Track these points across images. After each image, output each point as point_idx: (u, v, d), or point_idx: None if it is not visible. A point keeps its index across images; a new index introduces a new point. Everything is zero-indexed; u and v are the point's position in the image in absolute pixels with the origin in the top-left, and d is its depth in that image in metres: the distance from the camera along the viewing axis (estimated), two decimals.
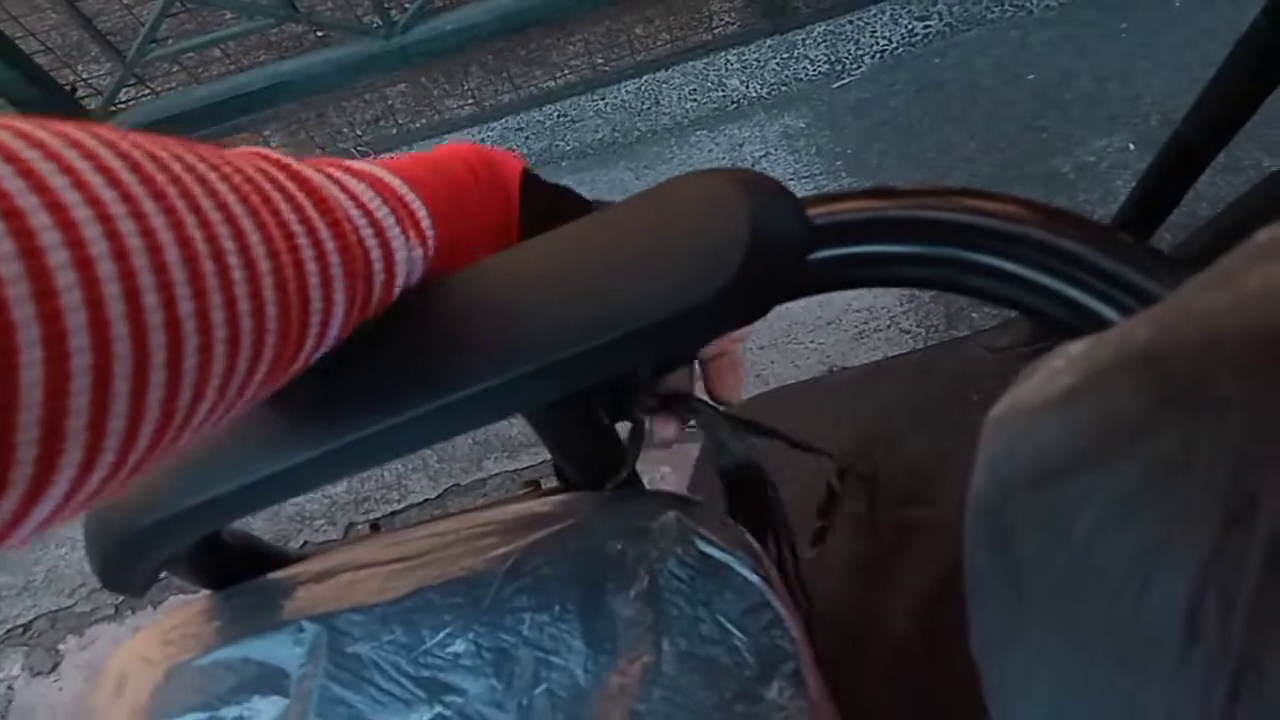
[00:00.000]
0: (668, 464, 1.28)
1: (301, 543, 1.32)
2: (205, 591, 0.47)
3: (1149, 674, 0.21)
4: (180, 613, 0.45)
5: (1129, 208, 0.98)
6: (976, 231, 0.29)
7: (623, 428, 0.45)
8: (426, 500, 1.30)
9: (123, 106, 1.58)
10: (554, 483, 0.52)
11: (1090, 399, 0.25)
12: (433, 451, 1.35)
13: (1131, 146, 1.45)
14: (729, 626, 0.40)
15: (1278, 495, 0.18)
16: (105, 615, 1.33)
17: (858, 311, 1.40)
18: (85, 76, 1.62)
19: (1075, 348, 0.28)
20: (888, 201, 0.32)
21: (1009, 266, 0.29)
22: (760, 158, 1.59)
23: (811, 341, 1.38)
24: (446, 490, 1.30)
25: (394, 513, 1.29)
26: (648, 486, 0.52)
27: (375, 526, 1.18)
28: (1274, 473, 0.19)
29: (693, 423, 0.44)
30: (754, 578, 0.41)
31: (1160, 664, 0.21)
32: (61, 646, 1.30)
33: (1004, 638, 0.31)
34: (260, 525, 1.32)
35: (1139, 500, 0.23)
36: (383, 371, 0.34)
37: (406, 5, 1.59)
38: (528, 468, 1.31)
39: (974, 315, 1.38)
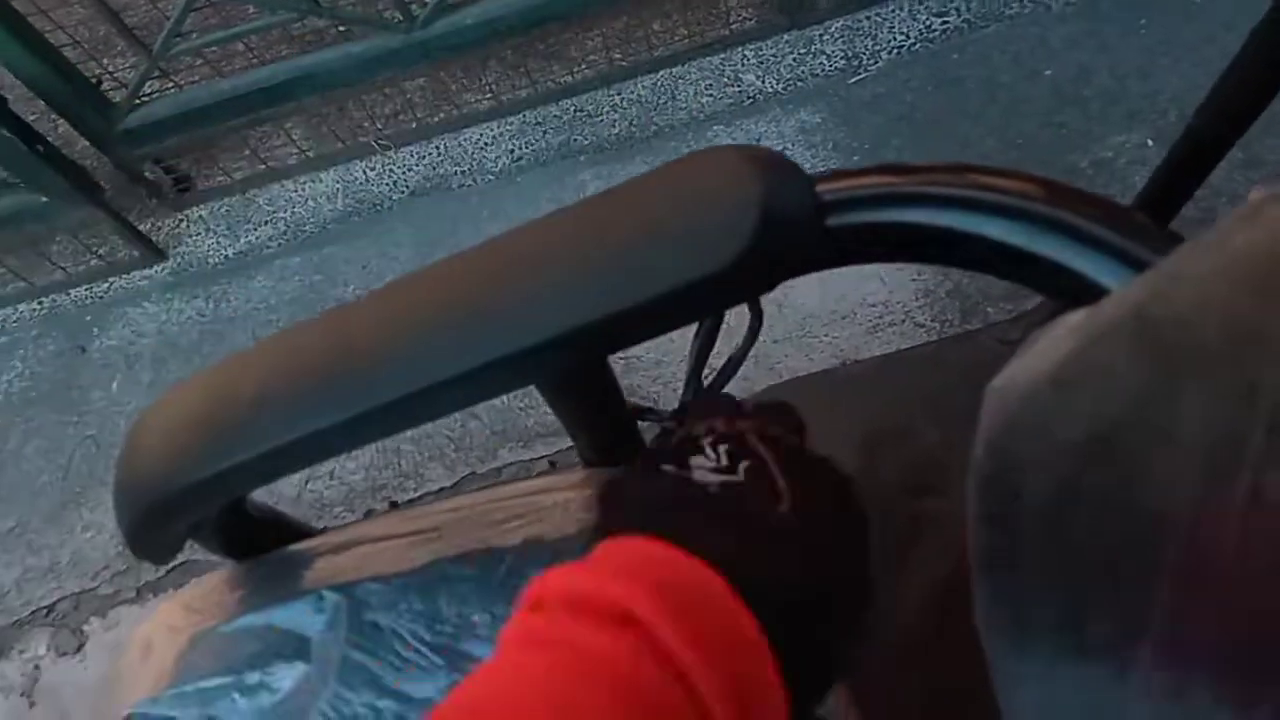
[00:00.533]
0: None
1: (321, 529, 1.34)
2: (228, 564, 0.49)
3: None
4: (204, 582, 0.46)
5: (1143, 201, 0.98)
6: (983, 204, 0.30)
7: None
8: (443, 489, 1.32)
9: (146, 99, 1.60)
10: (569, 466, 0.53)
11: (1087, 365, 0.25)
12: (449, 440, 1.36)
13: (1150, 142, 1.45)
14: None
15: (1265, 460, 0.19)
16: (128, 598, 1.35)
17: (872, 306, 1.40)
18: (111, 70, 1.64)
19: (1074, 317, 0.29)
20: (896, 177, 0.33)
21: (1017, 237, 0.30)
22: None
23: (826, 335, 1.39)
24: (463, 479, 1.31)
25: (410, 501, 1.30)
26: None
27: (394, 504, 1.20)
28: (1262, 438, 0.20)
29: None
30: None
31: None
32: (86, 628, 1.33)
33: (1007, 612, 0.31)
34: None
35: (1134, 462, 0.24)
36: (410, 337, 0.35)
37: (427, 0, 1.60)
38: (542, 457, 1.32)
39: (989, 310, 1.38)
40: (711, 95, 1.69)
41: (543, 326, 0.33)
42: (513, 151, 1.70)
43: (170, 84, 1.63)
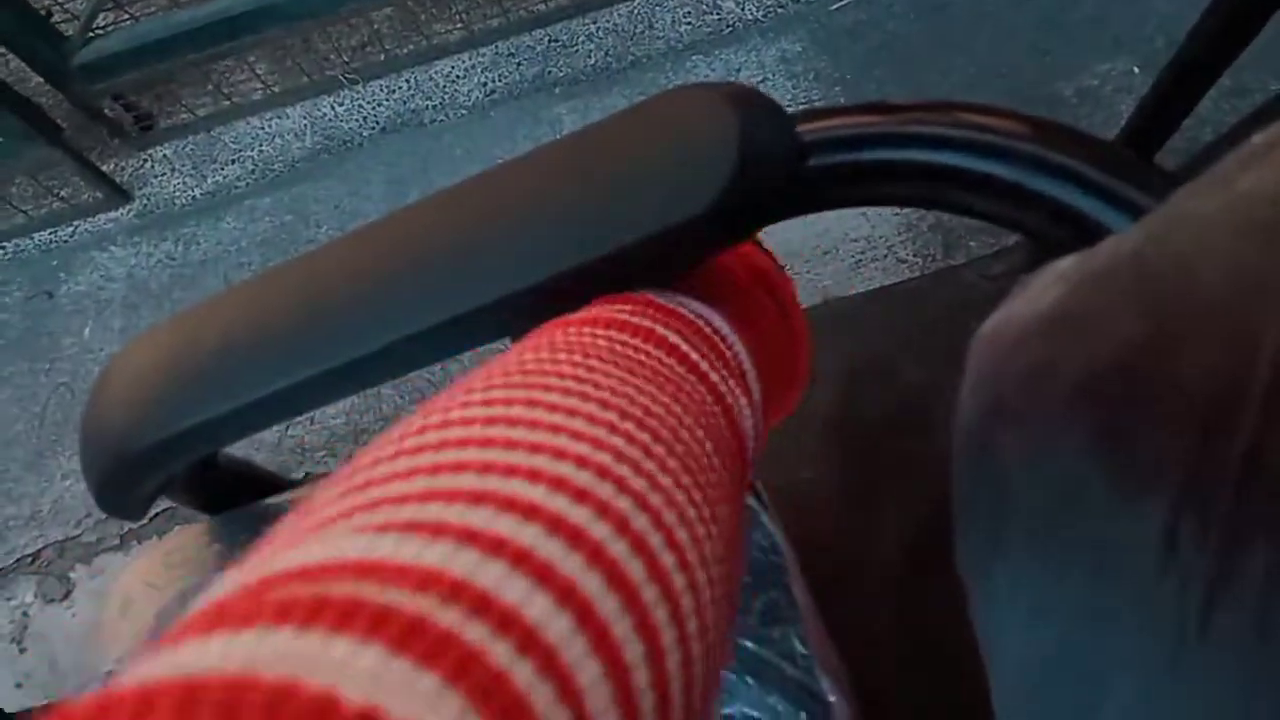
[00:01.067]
0: None
1: (303, 475, 1.34)
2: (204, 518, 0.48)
3: (1125, 584, 0.22)
4: (180, 536, 0.45)
5: (1129, 130, 0.97)
6: (969, 143, 0.29)
7: None
8: None
9: (101, 32, 1.53)
10: None
11: (1080, 311, 0.25)
12: (430, 384, 1.35)
13: (1136, 70, 1.42)
14: None
15: (1257, 409, 0.19)
16: (111, 545, 1.35)
17: (854, 241, 1.39)
18: (60, 1, 1.57)
19: (1065, 262, 0.28)
20: (879, 116, 0.31)
21: (1003, 175, 0.29)
22: (758, 83, 1.56)
23: (809, 272, 1.38)
24: None
25: None
26: None
27: None
28: (1260, 393, 0.19)
29: None
30: (749, 500, 0.42)
31: (1137, 575, 0.21)
32: (72, 574, 1.33)
33: (988, 556, 0.31)
34: (261, 458, 1.33)
35: (1122, 417, 0.23)
36: (383, 287, 0.34)
37: None
38: None
39: (971, 244, 1.37)
40: (690, 23, 1.64)
41: (518, 275, 0.32)
42: (485, 85, 1.66)
43: (125, 16, 1.56)
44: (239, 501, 0.46)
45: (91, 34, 1.51)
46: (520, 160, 0.33)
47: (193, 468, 0.42)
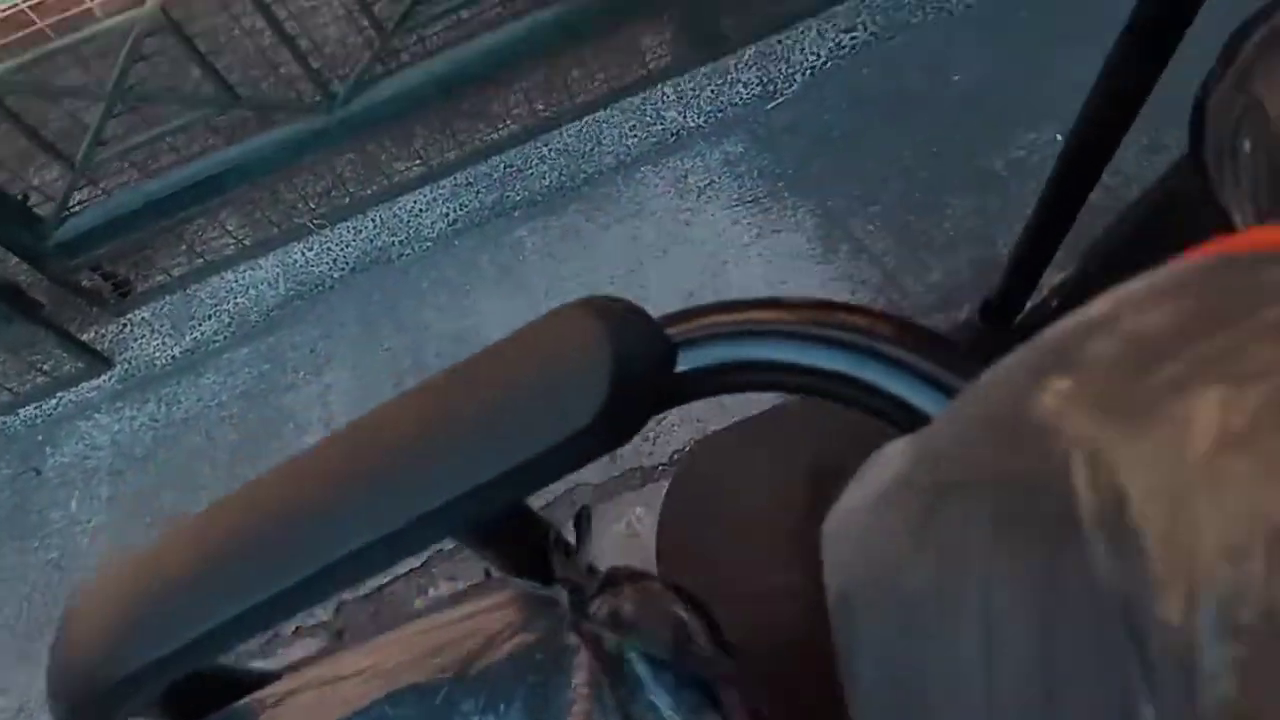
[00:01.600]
0: (640, 504, 1.31)
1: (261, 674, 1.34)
2: None
3: None
4: None
5: (1047, 195, 1.02)
6: (801, 337, 0.33)
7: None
8: (411, 570, 1.32)
9: (75, 210, 1.60)
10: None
11: (894, 500, 0.28)
12: None
13: (1059, 137, 1.49)
14: (667, 714, 0.43)
15: (1002, 583, 0.22)
16: None
17: None
18: (35, 184, 1.64)
19: (893, 445, 0.32)
20: (734, 315, 0.35)
21: (833, 367, 0.32)
22: (705, 186, 1.63)
23: None
24: (430, 558, 1.32)
25: (381, 586, 1.31)
26: (623, 528, 0.54)
27: (339, 634, 1.23)
28: (1001, 575, 0.22)
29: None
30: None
31: None
32: None
33: None
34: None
35: (928, 590, 0.26)
36: (302, 522, 0.37)
37: (347, 72, 1.62)
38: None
39: (924, 322, 1.41)
40: (636, 136, 1.72)
41: (430, 497, 0.35)
42: (447, 215, 1.72)
43: (98, 190, 1.63)
44: (208, 707, 0.48)
45: (67, 213, 1.58)
46: (422, 390, 0.37)
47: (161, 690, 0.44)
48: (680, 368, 0.35)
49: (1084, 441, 0.19)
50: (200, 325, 1.70)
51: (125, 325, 1.73)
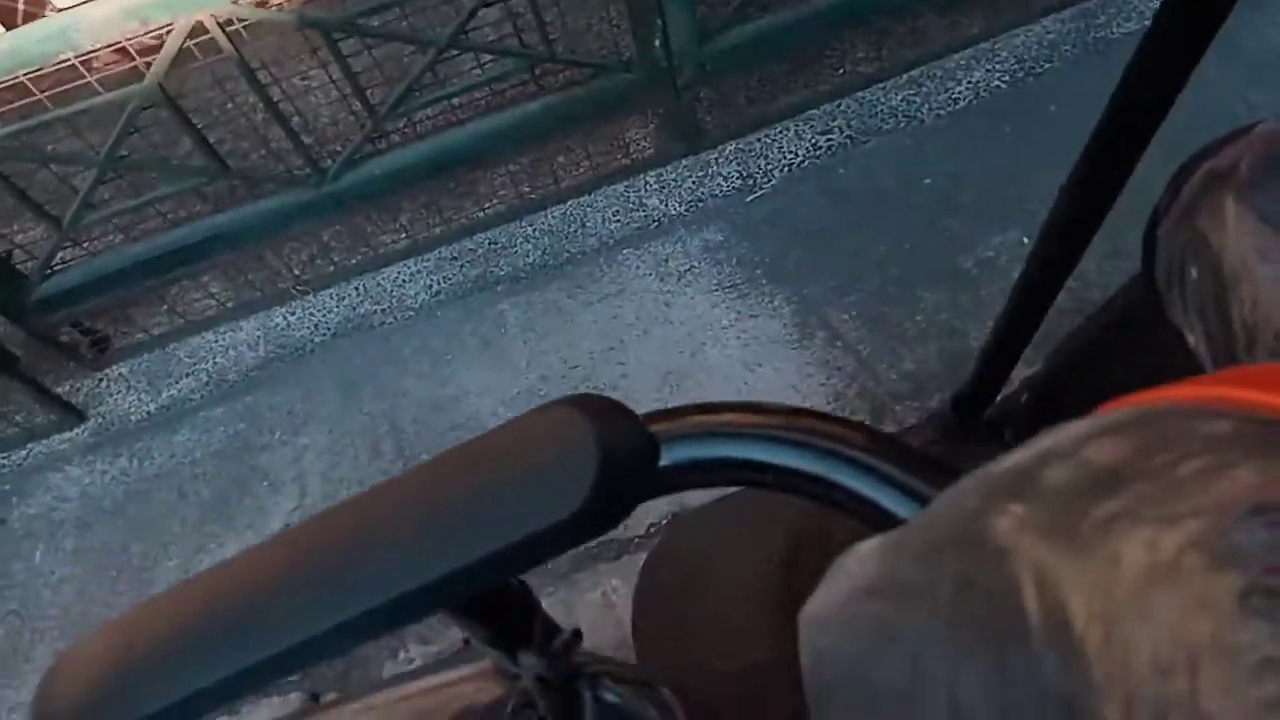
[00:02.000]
0: (616, 576, 1.31)
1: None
2: None
3: None
4: None
5: (1013, 300, 1.06)
6: (777, 440, 0.35)
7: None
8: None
9: (59, 268, 1.61)
10: None
11: (862, 604, 0.30)
12: None
13: (1025, 240, 1.56)
14: None
15: (964, 677, 0.24)
16: None
17: None
18: (19, 242, 1.65)
19: (864, 546, 0.34)
20: (712, 416, 0.37)
21: (807, 469, 0.34)
22: (685, 270, 1.67)
23: None
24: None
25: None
26: (599, 598, 0.54)
27: (315, 697, 1.21)
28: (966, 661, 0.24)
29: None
30: None
31: None
32: None
33: None
34: None
35: (897, 683, 0.28)
36: (289, 595, 0.38)
37: (337, 149, 1.66)
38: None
39: (896, 408, 1.45)
40: (619, 221, 1.77)
41: (416, 575, 0.37)
42: (431, 287, 1.75)
43: (83, 250, 1.65)
44: None
45: (50, 270, 1.59)
46: (413, 473, 0.38)
47: None
48: (663, 462, 0.37)
49: (1034, 564, 0.22)
50: (177, 383, 1.70)
51: (101, 380, 1.72)
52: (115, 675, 0.40)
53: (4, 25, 2.06)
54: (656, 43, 1.56)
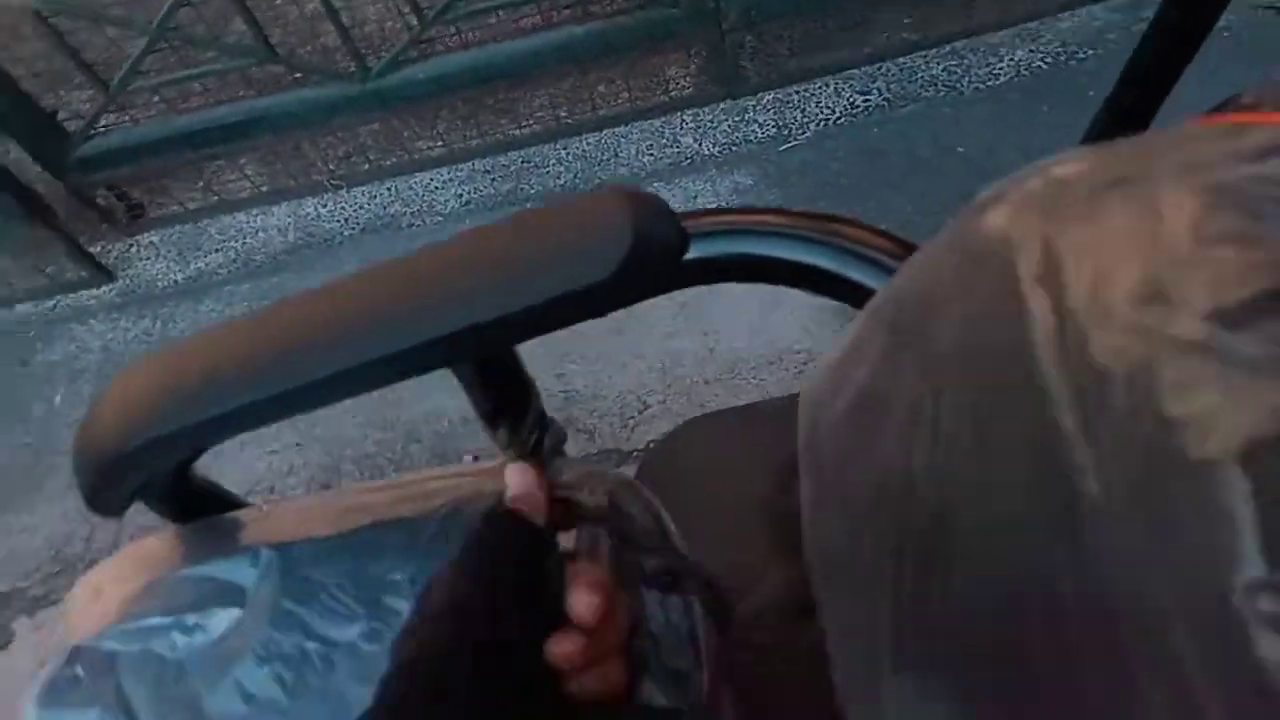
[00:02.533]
0: None
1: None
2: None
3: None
4: (148, 541, 0.51)
5: None
6: (790, 236, 0.39)
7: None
8: None
9: (102, 131, 1.64)
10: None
11: (856, 357, 0.34)
12: (390, 461, 1.40)
13: None
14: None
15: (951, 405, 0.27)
16: (56, 600, 1.35)
17: (797, 353, 1.49)
18: (67, 101, 1.68)
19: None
20: (742, 216, 0.41)
21: (812, 261, 0.38)
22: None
23: (754, 378, 1.47)
24: None
25: None
26: None
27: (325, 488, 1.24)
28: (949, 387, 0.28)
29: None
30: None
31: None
32: (14, 625, 1.32)
33: (835, 580, 0.39)
34: None
35: (873, 425, 0.32)
36: (339, 327, 0.42)
37: (382, 52, 1.69)
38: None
39: None
40: (652, 155, 1.80)
41: (460, 317, 0.41)
42: (461, 196, 1.78)
43: (126, 117, 1.68)
44: (204, 513, 0.52)
45: (93, 132, 1.63)
46: (467, 233, 0.42)
47: (168, 478, 0.48)
48: (690, 255, 0.41)
49: (1026, 234, 0.25)
50: (206, 257, 1.74)
51: (132, 245, 1.76)
52: (144, 399, 0.44)
53: None
54: None
